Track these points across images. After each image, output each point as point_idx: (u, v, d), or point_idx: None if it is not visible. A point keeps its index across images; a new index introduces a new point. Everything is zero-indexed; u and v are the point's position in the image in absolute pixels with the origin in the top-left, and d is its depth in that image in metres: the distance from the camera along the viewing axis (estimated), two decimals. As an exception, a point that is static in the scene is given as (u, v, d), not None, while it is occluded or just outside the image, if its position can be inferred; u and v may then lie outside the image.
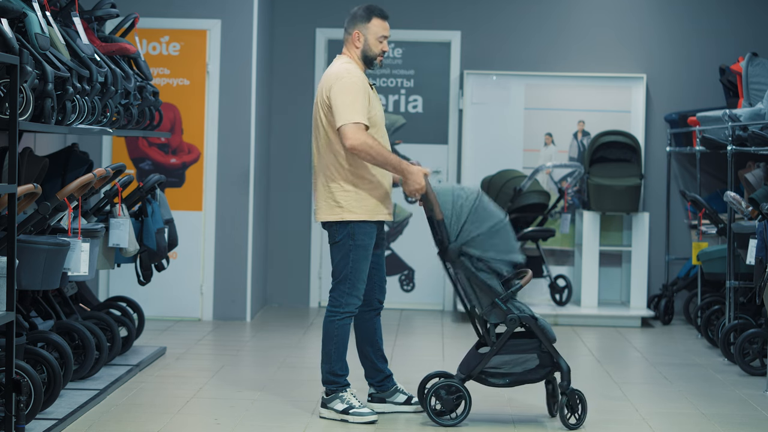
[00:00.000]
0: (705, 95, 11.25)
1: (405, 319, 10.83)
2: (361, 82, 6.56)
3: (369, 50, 6.68)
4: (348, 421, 6.56)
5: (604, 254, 11.08)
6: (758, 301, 7.75)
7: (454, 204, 6.51)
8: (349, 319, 6.66)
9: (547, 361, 6.52)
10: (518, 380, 6.55)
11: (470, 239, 6.45)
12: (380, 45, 6.69)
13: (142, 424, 6.52)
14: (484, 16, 11.44)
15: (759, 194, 8.36)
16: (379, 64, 6.74)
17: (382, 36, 6.69)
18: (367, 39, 6.67)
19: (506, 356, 6.50)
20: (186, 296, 10.35)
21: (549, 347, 6.51)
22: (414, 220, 11.37)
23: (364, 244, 6.60)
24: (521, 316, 6.49)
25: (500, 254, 6.47)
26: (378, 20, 6.68)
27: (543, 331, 6.51)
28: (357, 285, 6.61)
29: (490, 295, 6.50)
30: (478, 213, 6.49)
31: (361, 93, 6.52)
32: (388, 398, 6.88)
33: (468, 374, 6.54)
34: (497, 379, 6.53)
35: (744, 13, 11.35)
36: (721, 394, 7.65)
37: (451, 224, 6.50)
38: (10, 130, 5.57)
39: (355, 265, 6.59)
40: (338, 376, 6.66)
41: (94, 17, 7.87)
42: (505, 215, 6.56)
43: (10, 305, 5.60)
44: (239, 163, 10.36)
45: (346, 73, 6.57)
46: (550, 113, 11.33)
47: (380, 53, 6.70)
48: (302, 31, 11.46)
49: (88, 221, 7.29)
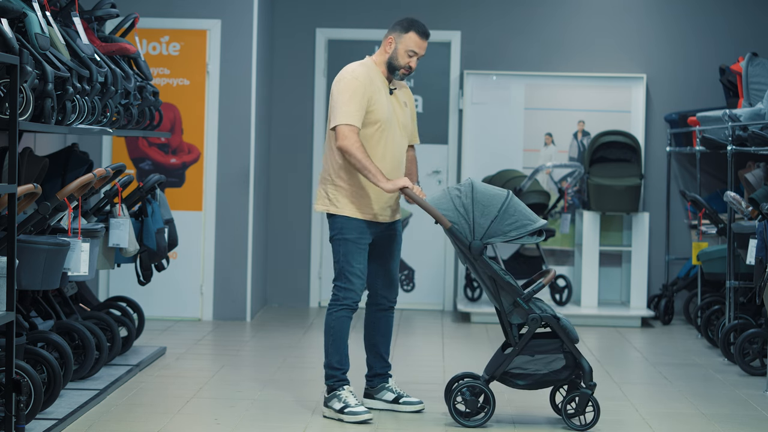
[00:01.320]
0: (705, 95, 11.25)
1: (405, 319, 10.83)
2: (361, 82, 6.61)
3: (395, 59, 6.75)
4: (343, 420, 6.57)
5: (604, 254, 11.09)
6: (758, 301, 7.75)
7: (456, 206, 6.51)
8: (346, 312, 6.70)
9: (571, 362, 6.51)
10: (543, 381, 6.53)
11: (486, 231, 6.46)
12: (408, 59, 6.75)
13: (142, 424, 6.52)
14: (484, 16, 11.44)
15: (759, 194, 8.36)
16: (401, 77, 6.79)
17: (412, 51, 6.75)
18: (397, 48, 6.74)
19: (530, 356, 6.49)
20: (186, 296, 10.35)
21: (571, 347, 6.49)
22: (414, 220, 11.37)
23: (352, 239, 6.66)
24: (543, 316, 6.48)
25: (522, 228, 6.46)
26: (415, 35, 6.77)
27: (565, 331, 6.49)
28: (351, 279, 6.66)
29: (513, 294, 6.50)
30: (481, 203, 6.47)
31: (358, 94, 6.59)
32: (376, 395, 6.93)
33: (492, 375, 6.53)
34: (521, 380, 6.52)
35: (744, 13, 11.36)
36: (721, 394, 7.65)
37: (462, 226, 6.49)
38: (10, 130, 5.57)
39: (346, 258, 6.67)
40: (335, 369, 6.70)
41: (94, 17, 7.87)
42: (508, 191, 6.54)
43: (10, 305, 5.60)
44: (239, 163, 10.36)
45: (348, 73, 6.67)
46: (550, 113, 11.33)
47: (405, 66, 6.76)
48: (302, 31, 11.46)
49: (88, 221, 7.29)
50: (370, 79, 6.69)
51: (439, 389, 7.56)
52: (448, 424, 6.64)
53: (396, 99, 6.81)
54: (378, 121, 6.66)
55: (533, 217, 6.50)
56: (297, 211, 11.46)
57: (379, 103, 6.68)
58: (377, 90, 6.70)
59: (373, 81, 6.70)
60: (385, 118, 6.70)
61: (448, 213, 6.51)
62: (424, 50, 6.82)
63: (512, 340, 6.53)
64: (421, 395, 7.20)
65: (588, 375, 6.47)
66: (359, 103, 6.58)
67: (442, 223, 6.51)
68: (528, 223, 6.48)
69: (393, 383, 6.96)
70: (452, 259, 11.41)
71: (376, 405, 6.91)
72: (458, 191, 6.53)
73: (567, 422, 6.49)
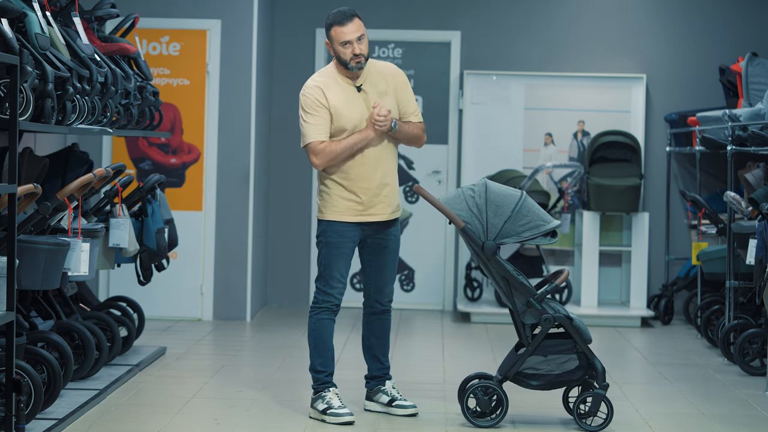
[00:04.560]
0: (705, 95, 11.25)
1: (405, 319, 10.82)
2: (310, 96, 6.63)
3: (339, 57, 6.66)
4: (326, 422, 6.57)
5: (604, 254, 11.08)
6: (758, 301, 7.75)
7: (469, 206, 6.49)
8: (327, 315, 6.70)
9: (584, 362, 6.50)
10: (556, 381, 6.52)
11: (500, 231, 6.45)
12: (347, 50, 6.61)
13: (142, 424, 6.52)
14: (484, 16, 11.44)
15: (759, 194, 8.36)
16: (355, 66, 6.64)
17: (344, 41, 6.61)
18: (334, 47, 6.67)
19: (543, 357, 6.49)
20: (186, 296, 10.35)
21: (584, 348, 6.49)
22: (414, 220, 11.36)
23: (333, 242, 6.66)
24: (556, 316, 6.47)
25: (535, 229, 6.45)
26: (336, 28, 6.63)
27: (578, 331, 6.49)
28: (330, 282, 6.67)
29: (526, 294, 6.49)
30: (495, 203, 6.46)
31: (312, 107, 6.61)
32: (373, 397, 6.93)
33: (505, 375, 6.52)
34: (535, 380, 6.51)
35: (743, 14, 11.35)
36: (721, 394, 7.65)
37: (475, 226, 6.49)
38: (10, 130, 5.57)
39: (327, 261, 6.68)
40: (318, 372, 6.71)
41: (94, 17, 7.87)
42: (521, 192, 6.52)
43: (10, 305, 5.60)
44: (239, 163, 10.36)
45: (304, 89, 6.70)
46: (550, 113, 11.33)
47: (351, 57, 6.63)
48: (302, 31, 11.46)
49: (88, 221, 7.29)
50: (326, 86, 6.63)
51: (440, 389, 7.56)
52: (448, 424, 6.64)
53: (366, 95, 6.68)
54: (345, 129, 6.62)
55: (546, 218, 6.49)
56: (297, 212, 11.46)
57: (344, 109, 6.61)
58: (338, 94, 6.63)
59: (331, 87, 6.64)
60: (354, 123, 6.63)
61: (461, 213, 6.50)
62: (357, 32, 6.61)
63: (525, 340, 6.52)
64: (421, 395, 7.20)
65: (601, 375, 6.46)
66: (318, 115, 6.60)
67: (455, 222, 6.50)
68: (541, 224, 6.46)
69: (390, 386, 6.92)
70: (452, 259, 11.41)
71: (374, 407, 6.89)
72: (472, 191, 6.52)
73: (579, 423, 6.48)
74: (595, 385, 6.49)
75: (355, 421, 6.58)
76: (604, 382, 6.46)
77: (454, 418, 6.74)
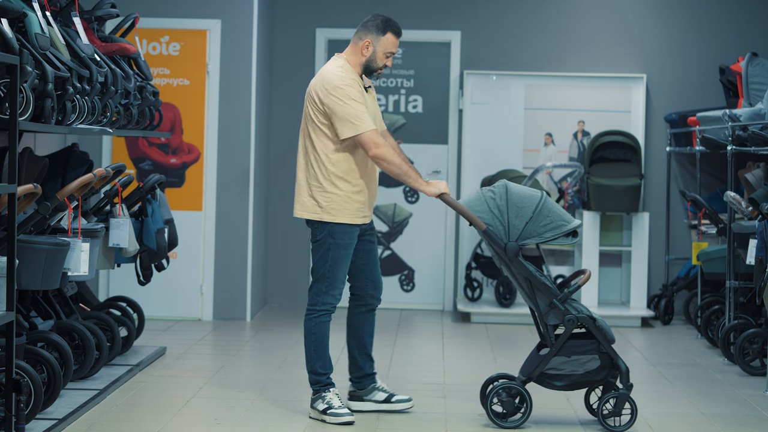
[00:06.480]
0: (705, 95, 11.25)
1: (405, 319, 10.82)
2: (356, 87, 6.61)
3: (374, 62, 6.70)
4: (326, 422, 6.57)
5: (604, 254, 11.08)
6: (758, 301, 7.75)
7: (491, 208, 6.49)
8: (327, 317, 6.70)
9: (607, 362, 6.50)
10: (580, 381, 6.52)
11: (522, 233, 6.45)
12: (386, 60, 6.72)
13: (142, 424, 6.52)
14: (484, 16, 11.44)
15: (759, 194, 8.36)
16: (378, 75, 6.76)
17: (390, 52, 6.71)
18: (375, 51, 6.68)
19: (566, 357, 6.48)
20: (186, 296, 10.35)
21: (607, 348, 6.48)
22: (414, 220, 11.37)
23: (343, 244, 6.65)
24: (579, 317, 6.46)
25: (557, 229, 6.44)
26: (392, 36, 6.71)
27: (601, 331, 6.48)
28: (335, 284, 6.66)
29: (549, 295, 6.49)
30: (516, 204, 6.46)
31: (360, 98, 6.57)
32: (366, 396, 6.90)
33: (528, 376, 6.51)
34: (558, 380, 6.50)
35: (744, 13, 11.36)
36: (721, 394, 7.65)
37: (497, 227, 6.48)
38: (10, 130, 5.57)
39: (334, 263, 6.65)
40: (319, 374, 6.70)
41: (94, 17, 7.87)
42: (542, 192, 6.51)
43: (10, 305, 5.60)
44: (239, 163, 10.36)
45: (338, 79, 6.59)
46: (550, 113, 11.34)
47: (383, 67, 6.73)
48: (302, 31, 11.46)
49: (88, 221, 7.29)
50: (357, 81, 6.68)
51: (440, 389, 7.56)
52: (448, 424, 6.64)
53: (371, 97, 6.79)
54: None
55: (567, 218, 6.48)
56: (297, 211, 11.45)
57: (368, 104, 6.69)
58: (362, 92, 6.69)
59: (359, 83, 6.69)
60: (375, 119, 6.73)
61: (482, 215, 6.50)
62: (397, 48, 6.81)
63: (549, 341, 6.51)
64: (421, 395, 7.20)
65: (625, 375, 6.46)
66: (365, 105, 6.58)
67: (476, 225, 6.49)
68: (563, 224, 6.46)
69: (381, 382, 6.95)
70: (452, 259, 11.41)
71: (365, 407, 6.86)
72: (492, 193, 6.51)
73: (603, 423, 6.47)
74: (618, 385, 6.49)
75: (355, 421, 6.59)
76: (628, 383, 6.46)
77: (455, 418, 6.75)
